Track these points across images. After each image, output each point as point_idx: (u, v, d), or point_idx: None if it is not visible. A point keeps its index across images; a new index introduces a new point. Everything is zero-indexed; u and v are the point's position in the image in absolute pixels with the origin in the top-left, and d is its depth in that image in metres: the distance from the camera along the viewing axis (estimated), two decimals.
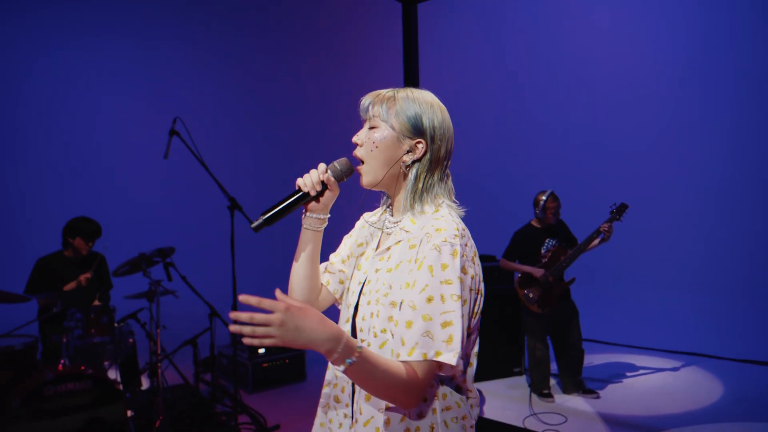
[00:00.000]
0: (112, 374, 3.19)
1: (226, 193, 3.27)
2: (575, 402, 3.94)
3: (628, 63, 6.37)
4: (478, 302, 1.13)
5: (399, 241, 1.17)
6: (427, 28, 4.00)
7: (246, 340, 0.95)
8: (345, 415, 1.19)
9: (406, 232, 1.16)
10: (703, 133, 5.94)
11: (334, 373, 1.23)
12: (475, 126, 7.02)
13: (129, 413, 2.92)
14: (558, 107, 6.89)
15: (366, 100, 1.21)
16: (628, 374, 4.57)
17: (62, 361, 2.90)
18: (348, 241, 1.38)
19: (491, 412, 3.75)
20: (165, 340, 3.66)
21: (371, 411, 1.12)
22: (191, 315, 4.44)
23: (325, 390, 1.25)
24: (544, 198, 4.03)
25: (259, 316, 0.93)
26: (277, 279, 7.33)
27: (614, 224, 3.85)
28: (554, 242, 4.02)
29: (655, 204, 6.04)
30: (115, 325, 3.29)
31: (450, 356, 1.02)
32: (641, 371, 4.65)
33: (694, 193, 5.99)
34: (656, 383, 4.37)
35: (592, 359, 4.89)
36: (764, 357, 4.82)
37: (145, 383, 3.97)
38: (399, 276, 1.12)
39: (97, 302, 3.48)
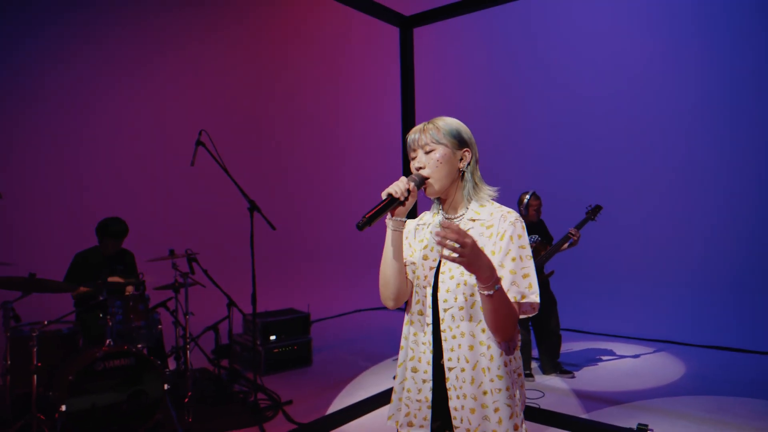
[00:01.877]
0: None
1: (246, 197, 3.72)
2: (553, 381, 4.44)
3: (610, 70, 6.87)
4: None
5: (471, 228, 1.48)
6: (421, 50, 4.48)
7: (446, 252, 1.34)
8: (423, 365, 1.54)
9: (472, 221, 1.49)
10: (677, 134, 6.47)
11: (414, 352, 1.56)
12: (479, 133, 7.51)
13: (166, 387, 3.37)
14: (541, 116, 7.41)
15: (414, 135, 1.52)
16: (601, 358, 5.09)
17: (108, 341, 3.35)
18: (413, 242, 1.64)
19: None
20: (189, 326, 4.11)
21: (465, 351, 1.46)
22: (212, 304, 4.88)
23: (403, 372, 1.61)
24: (527, 197, 4.53)
25: (462, 233, 1.23)
26: (288, 273, 7.88)
27: (589, 223, 4.35)
28: (536, 238, 4.52)
29: (628, 204, 6.56)
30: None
31: (533, 297, 1.39)
32: (612, 356, 5.17)
33: (665, 193, 6.52)
34: (625, 366, 4.88)
35: (570, 346, 5.40)
36: (722, 343, 5.36)
37: (170, 365, 4.40)
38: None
39: (134, 292, 3.90)
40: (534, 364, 4.72)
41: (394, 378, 2.32)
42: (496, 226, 1.45)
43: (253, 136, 8.37)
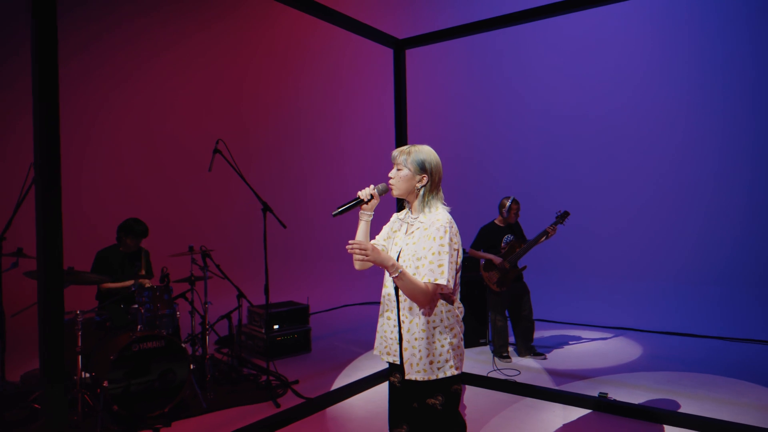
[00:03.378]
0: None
1: (260, 199, 4.19)
2: (527, 362, 5.01)
3: (584, 87, 7.54)
4: (459, 255, 2.09)
5: (418, 228, 2.14)
6: (412, 69, 4.98)
7: (356, 255, 1.95)
8: (390, 318, 2.18)
9: (422, 223, 2.12)
10: (640, 145, 7.17)
11: (387, 305, 2.21)
12: (451, 145, 8.09)
13: (192, 367, 3.81)
14: (520, 129, 8.04)
15: (395, 153, 2.18)
16: (569, 342, 5.70)
17: (139, 327, 3.78)
18: (386, 228, 2.36)
19: (463, 370, 4.78)
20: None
21: (410, 315, 2.11)
22: (224, 296, 5.31)
23: (381, 317, 2.24)
24: (508, 202, 5.11)
25: (363, 244, 1.94)
26: (289, 269, 8.39)
27: (558, 227, 4.95)
28: (512, 237, 5.09)
29: (594, 208, 7.23)
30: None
31: (442, 280, 1.98)
32: (578, 340, 5.79)
33: (626, 198, 7.20)
34: (590, 348, 5.49)
35: (542, 332, 6.00)
36: (673, 329, 6.04)
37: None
38: (420, 245, 2.08)
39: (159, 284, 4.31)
40: (510, 348, 5.28)
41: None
42: (429, 229, 2.06)
43: (259, 145, 8.97)
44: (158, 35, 8.21)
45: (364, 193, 2.19)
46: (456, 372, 2.10)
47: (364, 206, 2.21)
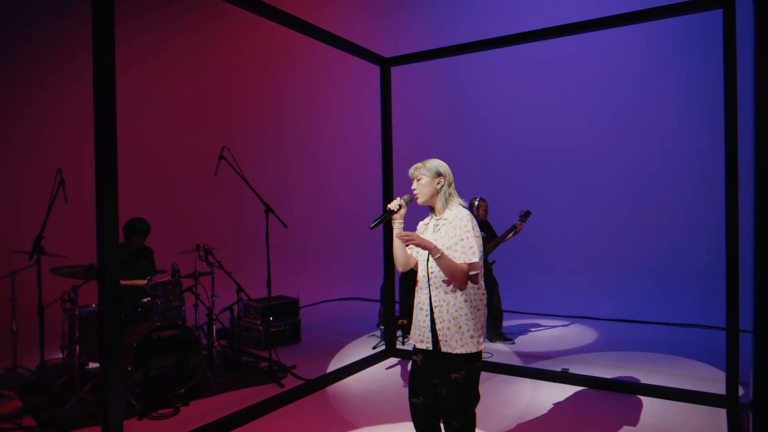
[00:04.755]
0: None
1: (263, 201, 4.62)
2: (498, 346, 5.61)
3: (556, 98, 8.23)
4: (480, 244, 2.53)
5: (444, 225, 2.51)
6: (397, 85, 5.48)
7: (405, 237, 2.39)
8: (423, 309, 2.60)
9: (446, 219, 2.52)
10: (594, 153, 7.91)
11: (420, 299, 2.64)
12: (434, 151, 8.67)
13: (204, 353, 4.21)
14: (490, 137, 8.69)
15: (411, 170, 2.61)
16: (532, 329, 6.35)
17: (155, 317, 4.16)
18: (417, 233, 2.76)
19: None
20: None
21: (443, 296, 2.53)
22: (226, 290, 5.67)
23: (415, 310, 2.67)
24: (477, 201, 5.69)
25: (409, 235, 2.37)
26: (298, 266, 8.95)
27: (523, 225, 5.57)
28: (483, 234, 5.69)
29: (555, 207, 7.94)
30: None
31: (475, 258, 2.43)
32: (541, 327, 6.46)
33: (579, 204, 7.95)
34: (552, 334, 6.15)
35: (509, 321, 6.62)
36: (624, 316, 6.78)
37: None
38: (447, 237, 2.44)
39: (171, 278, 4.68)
40: None
41: (373, 348, 4.60)
42: (453, 222, 2.53)
43: (264, 154, 9.51)
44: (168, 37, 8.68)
45: (393, 205, 2.58)
46: (480, 348, 2.51)
47: (395, 216, 2.59)
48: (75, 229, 6.75)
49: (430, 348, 2.56)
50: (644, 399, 3.97)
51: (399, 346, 5.45)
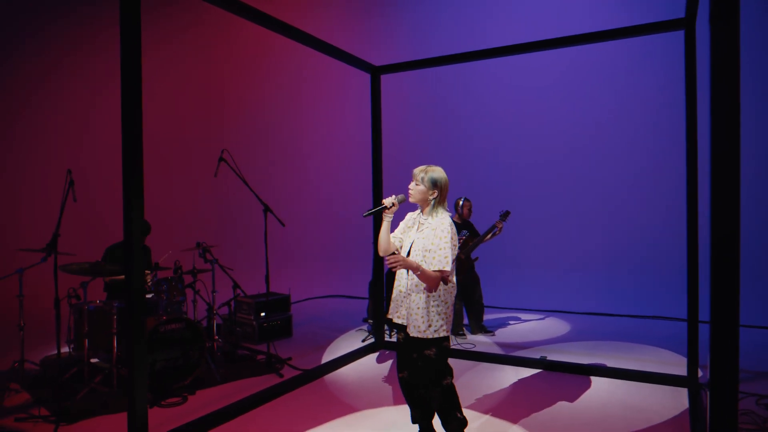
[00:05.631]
0: None
1: (261, 201, 4.86)
2: (479, 338, 5.97)
3: (528, 107, 8.66)
4: (456, 248, 2.91)
5: (427, 228, 2.93)
6: (387, 92, 5.78)
7: (394, 263, 2.72)
8: (401, 291, 2.97)
9: (430, 224, 2.91)
10: (566, 157, 8.37)
11: (399, 282, 3.00)
12: (420, 154, 9.00)
13: (207, 344, 4.44)
14: (472, 140, 9.08)
15: (416, 171, 2.96)
16: (511, 322, 6.74)
17: (160, 312, 4.37)
18: (402, 225, 3.13)
19: None
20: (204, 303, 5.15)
21: (416, 291, 2.90)
22: (223, 286, 5.86)
23: (395, 290, 3.03)
24: (461, 201, 6.05)
25: (396, 258, 2.71)
26: (286, 264, 9.24)
27: (503, 224, 5.94)
28: (466, 232, 6.03)
29: (532, 208, 8.36)
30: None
31: (447, 266, 2.79)
32: (519, 321, 6.86)
33: (558, 201, 8.40)
34: (529, 326, 6.56)
35: (488, 315, 7.00)
36: (592, 310, 7.24)
37: None
38: (428, 240, 2.86)
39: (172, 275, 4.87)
40: (464, 328, 6.22)
41: (362, 341, 4.93)
42: (436, 230, 2.88)
43: (261, 158, 9.84)
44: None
45: (387, 201, 2.98)
46: (445, 333, 2.88)
47: (386, 211, 2.98)
48: (79, 227, 6.89)
49: (404, 323, 2.94)
50: (615, 381, 4.37)
51: (387, 338, 5.75)
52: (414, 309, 2.88)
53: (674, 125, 7.26)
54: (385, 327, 5.83)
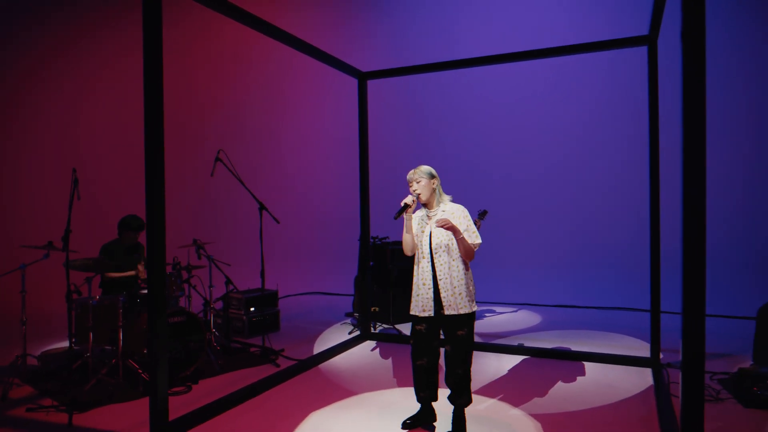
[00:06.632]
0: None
1: (257, 200, 5.08)
2: None
3: (507, 110, 9.09)
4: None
5: (443, 214, 3.24)
6: (373, 97, 6.06)
7: (444, 223, 3.07)
8: (426, 284, 3.25)
9: (443, 212, 3.24)
10: (540, 158, 8.85)
11: (424, 278, 3.27)
12: (404, 156, 9.29)
13: (208, 337, 4.63)
14: (450, 141, 9.46)
15: (410, 174, 3.28)
16: (486, 315, 7.14)
17: None
18: (414, 224, 3.37)
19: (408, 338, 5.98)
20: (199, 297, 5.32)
21: (448, 271, 3.20)
22: (218, 282, 6.01)
23: (419, 288, 3.29)
24: None
25: (446, 220, 3.10)
26: (287, 261, 9.48)
27: (481, 222, 6.33)
28: None
29: (505, 208, 8.80)
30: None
31: (479, 240, 3.16)
32: (494, 313, 7.27)
33: (530, 201, 8.87)
34: (503, 318, 6.97)
35: None
36: (561, 302, 7.73)
37: None
38: (455, 220, 3.18)
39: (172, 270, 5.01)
40: None
41: (349, 333, 5.13)
42: (456, 213, 3.23)
43: (255, 158, 9.97)
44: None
45: (408, 200, 3.28)
46: (474, 309, 3.21)
47: (408, 210, 3.29)
48: (79, 224, 7.00)
49: (432, 315, 3.21)
50: (587, 364, 4.79)
51: (372, 330, 6.05)
52: (448, 287, 3.15)
53: (637, 131, 7.83)
54: (372, 321, 6.12)
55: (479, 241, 3.20)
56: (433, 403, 3.49)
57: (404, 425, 3.39)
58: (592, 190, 8.61)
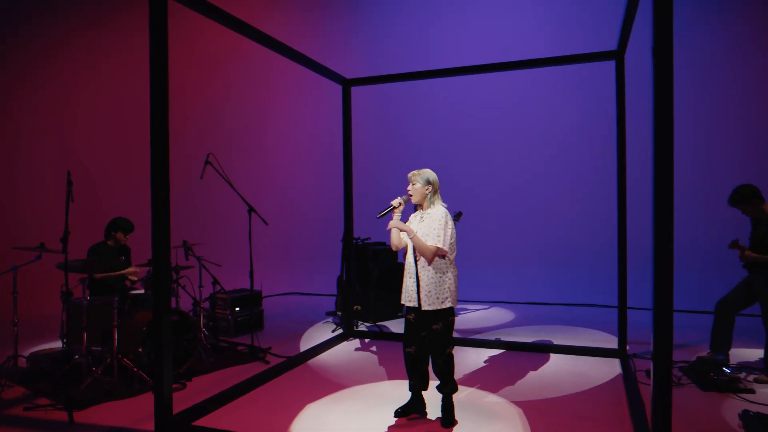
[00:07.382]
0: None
1: (246, 202, 5.22)
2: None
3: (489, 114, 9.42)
4: (453, 232, 3.47)
5: (426, 219, 3.48)
6: (357, 102, 6.27)
7: (393, 224, 3.39)
8: (411, 278, 3.52)
9: (429, 215, 3.49)
10: (515, 163, 9.22)
11: (409, 271, 3.54)
12: (389, 160, 9.50)
13: (199, 336, 4.75)
14: (432, 144, 9.74)
15: (410, 175, 3.54)
16: (461, 313, 7.45)
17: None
18: (410, 224, 3.65)
19: (390, 335, 6.22)
20: (188, 298, 5.42)
21: (423, 271, 3.47)
22: (206, 282, 6.10)
23: (407, 280, 3.56)
24: None
25: (391, 222, 3.40)
26: (270, 261, 9.58)
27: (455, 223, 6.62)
28: None
29: (476, 210, 9.14)
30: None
31: (440, 243, 3.37)
32: (468, 311, 7.58)
33: (501, 202, 9.24)
34: (477, 315, 7.28)
35: None
36: (535, 299, 8.10)
37: None
38: (428, 227, 3.41)
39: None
40: None
41: (332, 332, 5.43)
42: (433, 217, 3.48)
43: (244, 161, 10.11)
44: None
45: (395, 202, 3.56)
46: (450, 305, 3.45)
47: (395, 210, 3.57)
48: (71, 225, 7.03)
49: (416, 305, 3.48)
50: (560, 356, 5.13)
51: (355, 328, 6.25)
52: (424, 286, 3.42)
53: (608, 137, 8.28)
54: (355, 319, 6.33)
55: (438, 244, 3.35)
56: (424, 393, 3.73)
57: (396, 414, 3.63)
58: (563, 193, 9.03)
